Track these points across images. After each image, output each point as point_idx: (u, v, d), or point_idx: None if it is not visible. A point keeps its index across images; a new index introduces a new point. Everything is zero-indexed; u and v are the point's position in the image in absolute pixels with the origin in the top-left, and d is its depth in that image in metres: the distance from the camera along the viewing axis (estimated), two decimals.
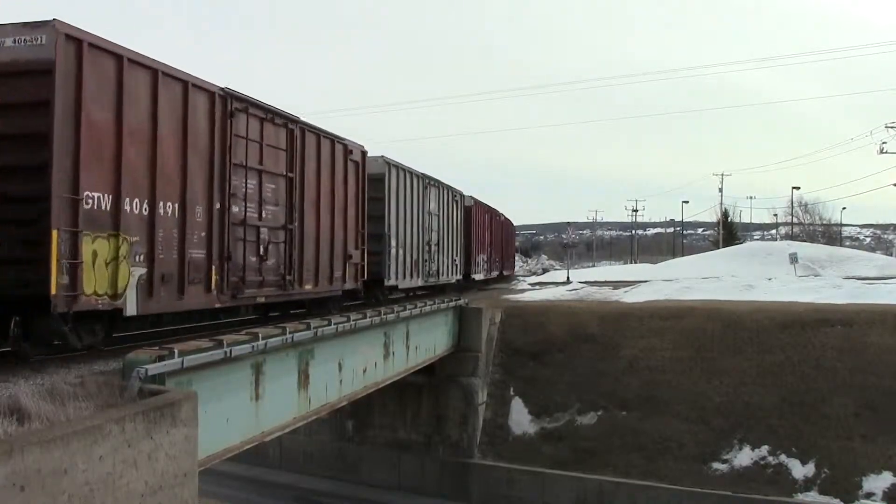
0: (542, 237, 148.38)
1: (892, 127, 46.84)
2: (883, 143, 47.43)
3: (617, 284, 34.15)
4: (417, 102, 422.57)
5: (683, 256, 61.86)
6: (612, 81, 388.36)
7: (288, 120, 13.48)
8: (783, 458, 19.46)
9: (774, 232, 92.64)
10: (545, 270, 64.11)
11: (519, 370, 23.71)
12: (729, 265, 39.68)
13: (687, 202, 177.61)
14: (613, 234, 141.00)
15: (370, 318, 15.36)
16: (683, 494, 19.38)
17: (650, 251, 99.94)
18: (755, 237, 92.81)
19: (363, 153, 17.20)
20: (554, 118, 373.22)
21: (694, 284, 31.39)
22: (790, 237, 73.70)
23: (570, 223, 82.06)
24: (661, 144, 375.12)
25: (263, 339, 10.88)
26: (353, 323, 14.42)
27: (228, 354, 9.92)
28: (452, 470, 22.34)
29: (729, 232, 76.58)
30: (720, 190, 75.40)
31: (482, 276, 32.20)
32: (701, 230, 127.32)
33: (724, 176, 75.42)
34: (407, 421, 23.35)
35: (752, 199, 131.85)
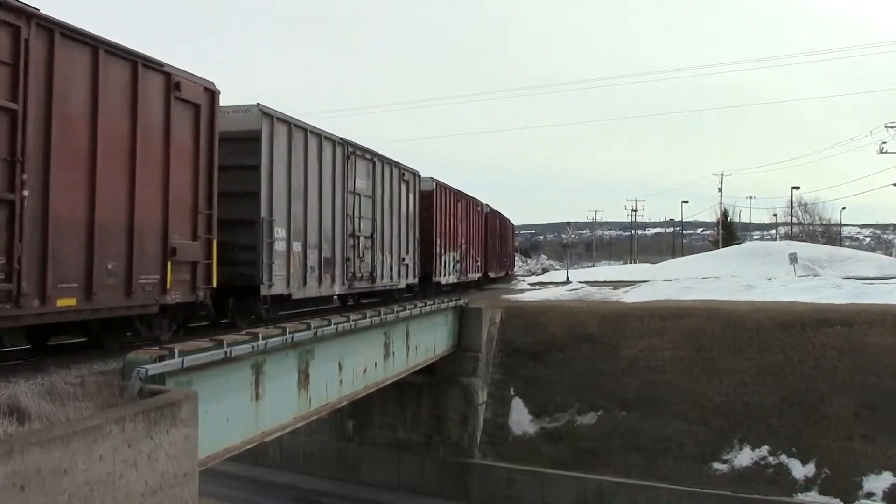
0: (542, 237, 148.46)
1: (892, 127, 46.93)
2: (883, 143, 47.60)
3: (617, 284, 34.13)
4: (417, 102, 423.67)
5: (683, 256, 61.80)
6: (612, 81, 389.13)
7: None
8: (783, 458, 19.46)
9: (774, 232, 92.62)
10: (545, 270, 64.12)
11: (519, 370, 23.71)
12: (729, 265, 39.65)
13: (687, 202, 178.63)
14: (613, 234, 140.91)
15: (370, 318, 15.36)
16: (683, 494, 19.38)
17: (650, 251, 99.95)
18: (755, 237, 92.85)
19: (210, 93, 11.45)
20: (554, 118, 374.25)
21: (694, 284, 31.37)
22: (790, 237, 73.77)
23: (570, 223, 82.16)
24: (661, 144, 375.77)
25: (263, 339, 10.88)
26: (352, 323, 14.42)
27: (228, 354, 9.92)
28: (452, 470, 22.34)
29: (729, 232, 76.66)
30: (720, 190, 75.62)
31: (453, 278, 26.22)
32: (701, 230, 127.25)
33: (723, 176, 75.68)
34: (407, 421, 23.35)
35: (751, 199, 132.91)
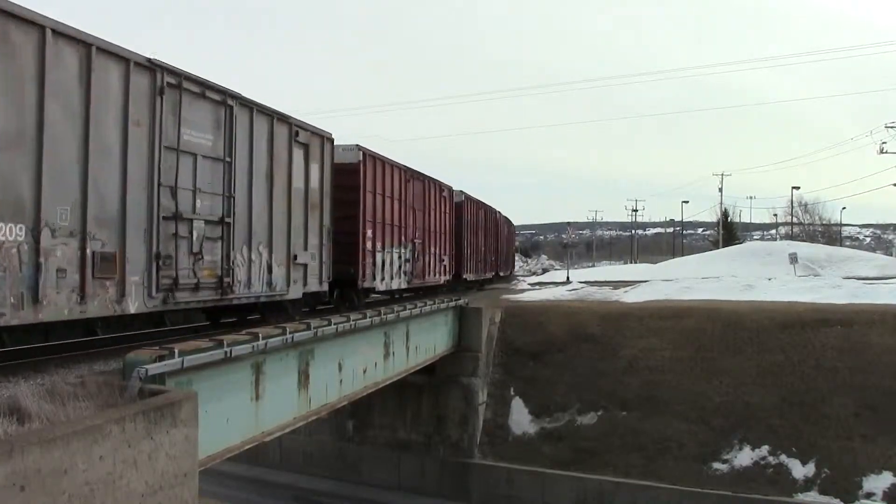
0: (542, 237, 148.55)
1: (892, 127, 46.91)
2: (883, 143, 47.59)
3: (617, 284, 34.13)
4: (417, 102, 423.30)
5: (683, 256, 61.82)
6: (612, 81, 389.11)
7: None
8: (783, 458, 19.46)
9: (774, 232, 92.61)
10: (545, 270, 64.15)
11: (519, 370, 23.71)
12: (729, 265, 39.67)
13: (687, 202, 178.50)
14: (613, 234, 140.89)
15: (370, 318, 15.35)
16: (683, 494, 19.38)
17: (650, 251, 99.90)
18: (755, 237, 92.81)
19: None
20: (554, 118, 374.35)
21: (694, 284, 31.39)
22: (790, 237, 73.77)
23: (570, 223, 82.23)
24: (661, 144, 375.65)
25: (263, 339, 10.87)
26: (353, 323, 14.41)
27: (228, 354, 9.91)
28: (452, 470, 22.35)
29: (729, 232, 76.68)
30: (720, 190, 75.60)
31: (397, 283, 19.70)
32: (701, 230, 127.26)
33: (724, 176, 75.62)
34: (407, 421, 23.35)
35: (752, 199, 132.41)
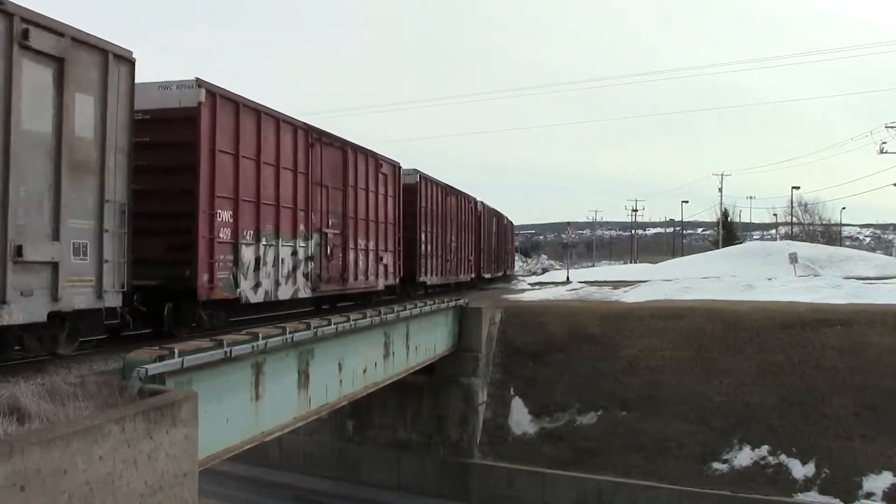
0: (542, 237, 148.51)
1: (892, 127, 46.79)
2: (883, 143, 47.42)
3: (617, 284, 34.14)
4: (417, 102, 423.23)
5: (683, 256, 61.81)
6: (612, 81, 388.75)
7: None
8: (783, 458, 19.45)
9: (774, 232, 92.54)
10: (545, 270, 64.21)
11: (519, 370, 23.69)
12: (729, 265, 39.64)
13: (687, 202, 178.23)
14: (613, 234, 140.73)
15: (370, 318, 15.35)
16: (683, 494, 19.38)
17: (650, 251, 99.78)
18: (755, 237, 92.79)
19: None
20: (554, 118, 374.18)
21: (694, 284, 31.37)
22: (790, 237, 73.66)
23: (570, 223, 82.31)
24: (661, 144, 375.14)
25: (263, 339, 10.88)
26: (353, 323, 14.41)
27: (228, 354, 9.91)
28: (452, 470, 22.34)
29: (729, 232, 76.61)
30: (720, 190, 75.53)
31: (289, 291, 14.08)
32: (701, 230, 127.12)
33: (724, 176, 75.53)
34: (407, 421, 23.34)
35: (752, 199, 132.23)
